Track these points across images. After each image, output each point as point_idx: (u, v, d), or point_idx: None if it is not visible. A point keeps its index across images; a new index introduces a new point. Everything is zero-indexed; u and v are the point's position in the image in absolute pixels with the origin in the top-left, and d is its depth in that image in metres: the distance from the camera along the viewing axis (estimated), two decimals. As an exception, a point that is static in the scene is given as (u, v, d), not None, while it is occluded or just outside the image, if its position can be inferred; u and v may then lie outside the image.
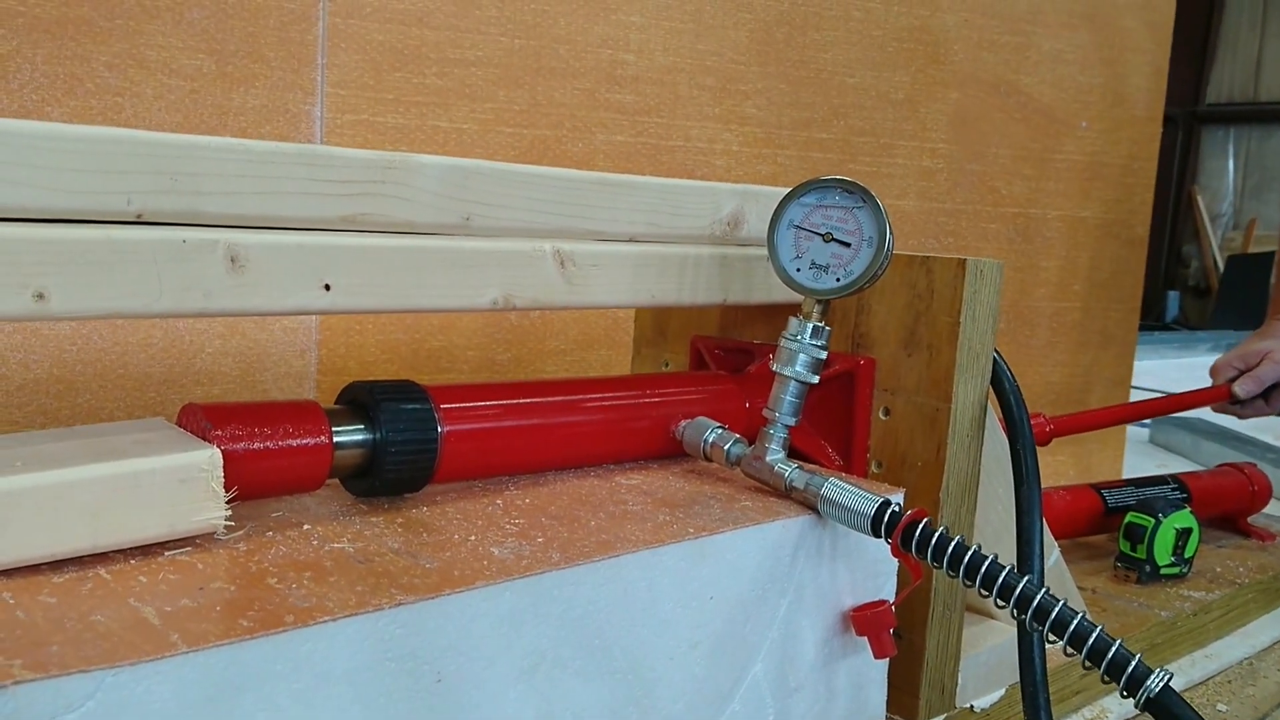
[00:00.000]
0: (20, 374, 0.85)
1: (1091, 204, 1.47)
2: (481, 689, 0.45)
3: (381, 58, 0.96)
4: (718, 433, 0.64)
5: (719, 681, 0.55)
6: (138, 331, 0.88)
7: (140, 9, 0.85)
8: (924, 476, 0.68)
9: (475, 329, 1.04)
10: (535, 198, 0.58)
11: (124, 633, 0.38)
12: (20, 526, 0.41)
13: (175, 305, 0.47)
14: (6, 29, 0.80)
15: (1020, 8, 1.34)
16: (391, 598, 0.43)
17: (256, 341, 0.95)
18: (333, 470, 0.52)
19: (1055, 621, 0.48)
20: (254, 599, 0.42)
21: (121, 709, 0.35)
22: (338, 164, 0.50)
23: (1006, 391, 0.68)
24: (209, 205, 0.47)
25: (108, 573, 0.43)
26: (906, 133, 1.29)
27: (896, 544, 0.54)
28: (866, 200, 0.60)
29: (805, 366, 0.62)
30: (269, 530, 0.50)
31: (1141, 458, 1.79)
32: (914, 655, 0.68)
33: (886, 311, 0.70)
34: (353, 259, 0.52)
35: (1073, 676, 0.81)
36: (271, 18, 0.91)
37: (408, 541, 0.50)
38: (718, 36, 1.14)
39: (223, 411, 0.49)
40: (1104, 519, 1.05)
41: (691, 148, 1.14)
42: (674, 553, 0.52)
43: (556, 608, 0.47)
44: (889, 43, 1.25)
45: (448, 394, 0.57)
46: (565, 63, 1.05)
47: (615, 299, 0.63)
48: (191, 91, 0.88)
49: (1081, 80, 1.41)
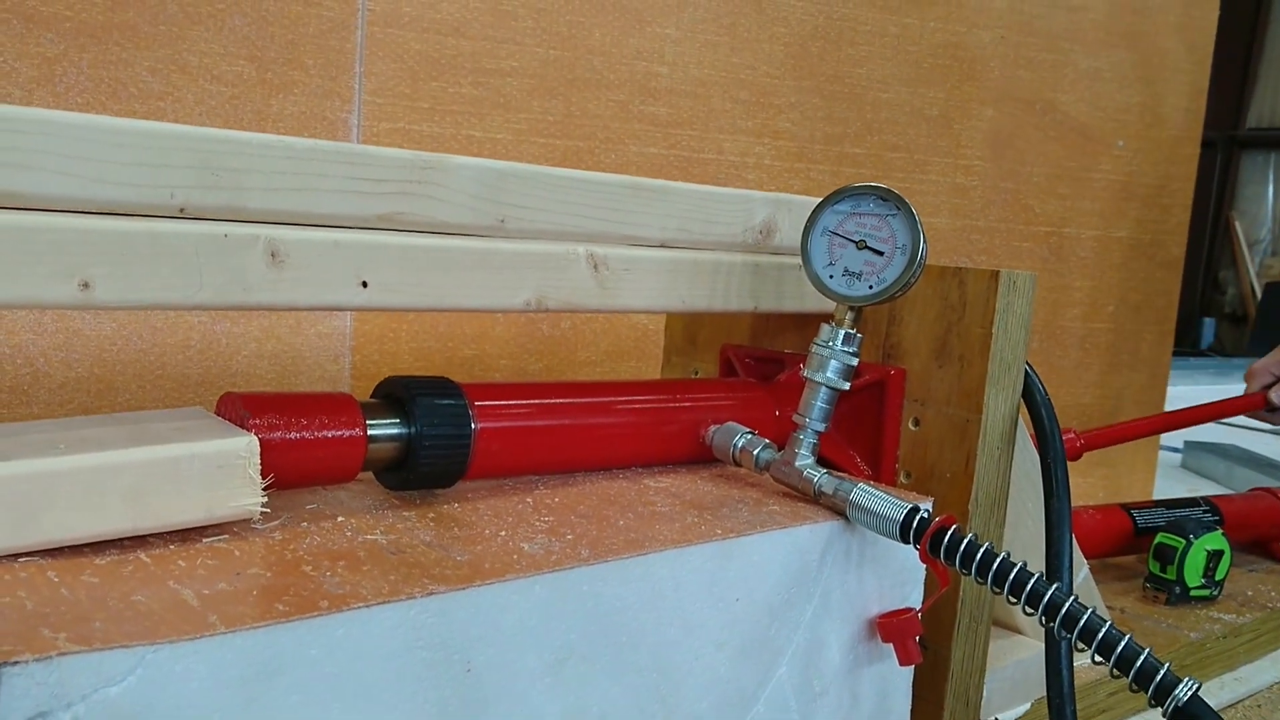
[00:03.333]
0: (62, 372, 0.87)
1: (1127, 224, 1.46)
2: (510, 681, 0.46)
3: (418, 67, 0.97)
4: (747, 437, 0.65)
5: (744, 683, 0.55)
6: (176, 333, 0.90)
7: (183, 15, 0.87)
8: (953, 488, 0.68)
9: (508, 338, 1.05)
10: (569, 201, 0.59)
11: (164, 612, 0.39)
12: (63, 507, 0.42)
13: (215, 298, 0.48)
14: (54, 33, 0.82)
15: (1058, 25, 1.34)
16: (424, 587, 0.43)
17: (291, 345, 0.96)
18: (367, 463, 0.53)
19: (1084, 629, 0.48)
20: (289, 585, 0.42)
21: (161, 685, 0.36)
22: (375, 163, 0.51)
23: (1038, 404, 0.68)
24: (250, 201, 0.48)
25: (148, 556, 0.44)
26: (940, 149, 1.29)
27: (925, 549, 0.54)
28: (900, 208, 0.60)
29: (836, 373, 0.62)
30: (304, 521, 0.51)
31: (1173, 483, 1.77)
32: (940, 666, 0.68)
33: (918, 322, 0.70)
34: (389, 257, 0.53)
35: (1099, 694, 0.80)
36: (311, 26, 0.92)
37: (439, 535, 0.51)
38: (752, 50, 1.15)
39: (261, 401, 0.50)
40: (1134, 540, 1.05)
41: (724, 161, 1.15)
42: (701, 553, 0.52)
43: (585, 603, 0.48)
44: (924, 58, 1.25)
45: (482, 391, 0.57)
46: (599, 74, 1.07)
47: (647, 303, 0.64)
48: (232, 97, 0.90)
49: (1119, 99, 1.41)
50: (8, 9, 0.80)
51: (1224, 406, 1.21)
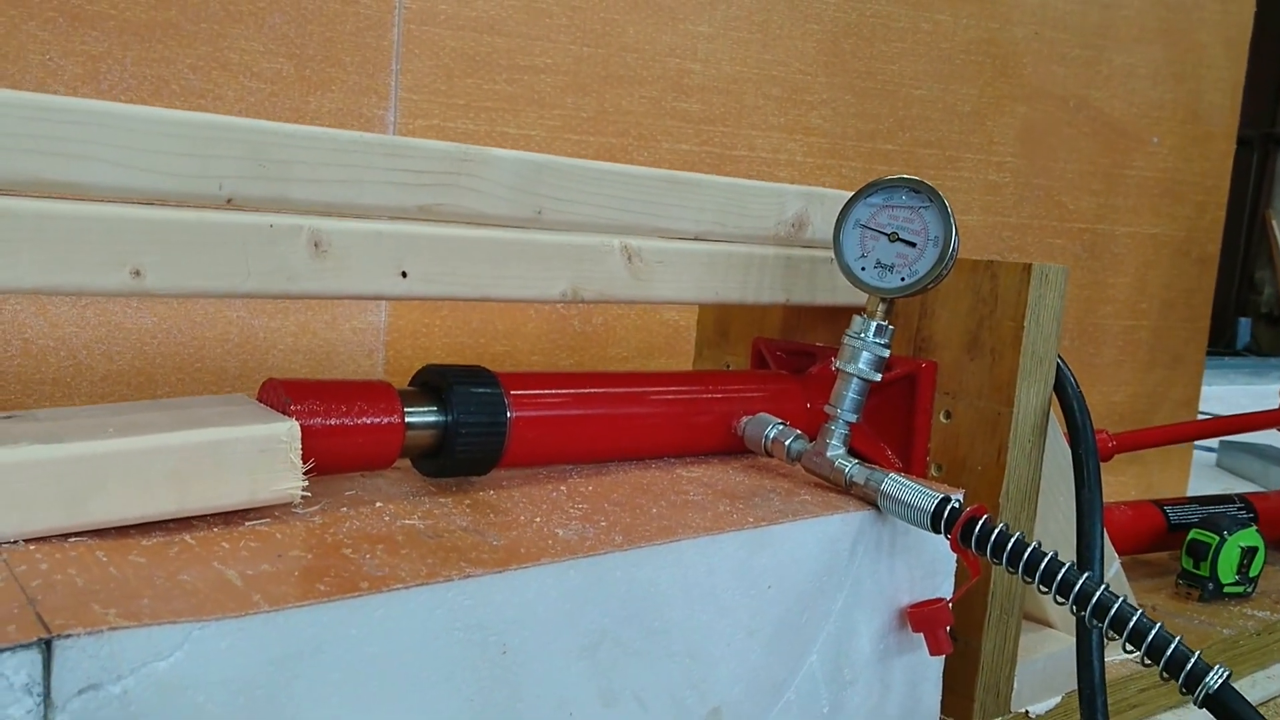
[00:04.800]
0: (104, 365, 0.88)
1: (1161, 221, 1.45)
2: (545, 663, 0.46)
3: (453, 64, 0.98)
4: (779, 428, 0.65)
5: (775, 670, 0.55)
6: (215, 327, 0.91)
7: (224, 13, 0.88)
8: (984, 481, 0.68)
9: (540, 334, 1.06)
10: (604, 193, 0.60)
11: (209, 591, 0.40)
12: (111, 488, 0.43)
13: (261, 286, 0.49)
14: (99, 31, 0.84)
15: (1092, 21, 1.33)
16: (461, 570, 0.44)
17: (327, 340, 0.97)
18: (404, 449, 0.54)
19: (1115, 618, 0.48)
20: (329, 566, 0.43)
21: (206, 660, 0.37)
22: (416, 155, 0.52)
23: (1070, 397, 0.68)
24: (295, 192, 0.49)
25: (192, 538, 0.45)
26: (973, 145, 1.29)
27: (956, 539, 0.55)
28: (933, 200, 0.61)
29: (868, 364, 0.62)
30: (343, 506, 0.52)
31: (1208, 481, 1.76)
32: (970, 657, 0.68)
33: (949, 315, 0.70)
34: (429, 247, 0.54)
35: (1130, 690, 0.80)
36: (348, 23, 0.93)
37: (475, 521, 0.51)
38: (785, 47, 1.15)
39: (302, 388, 0.51)
40: (1167, 536, 1.04)
41: (756, 157, 1.16)
42: (734, 540, 0.53)
43: (618, 588, 0.49)
44: (957, 55, 1.25)
45: (517, 381, 0.58)
46: (633, 71, 1.07)
47: (680, 294, 0.65)
48: (271, 94, 0.91)
49: (1153, 95, 1.40)
50: (54, 8, 0.82)
51: (1260, 419, 1.20)
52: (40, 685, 0.34)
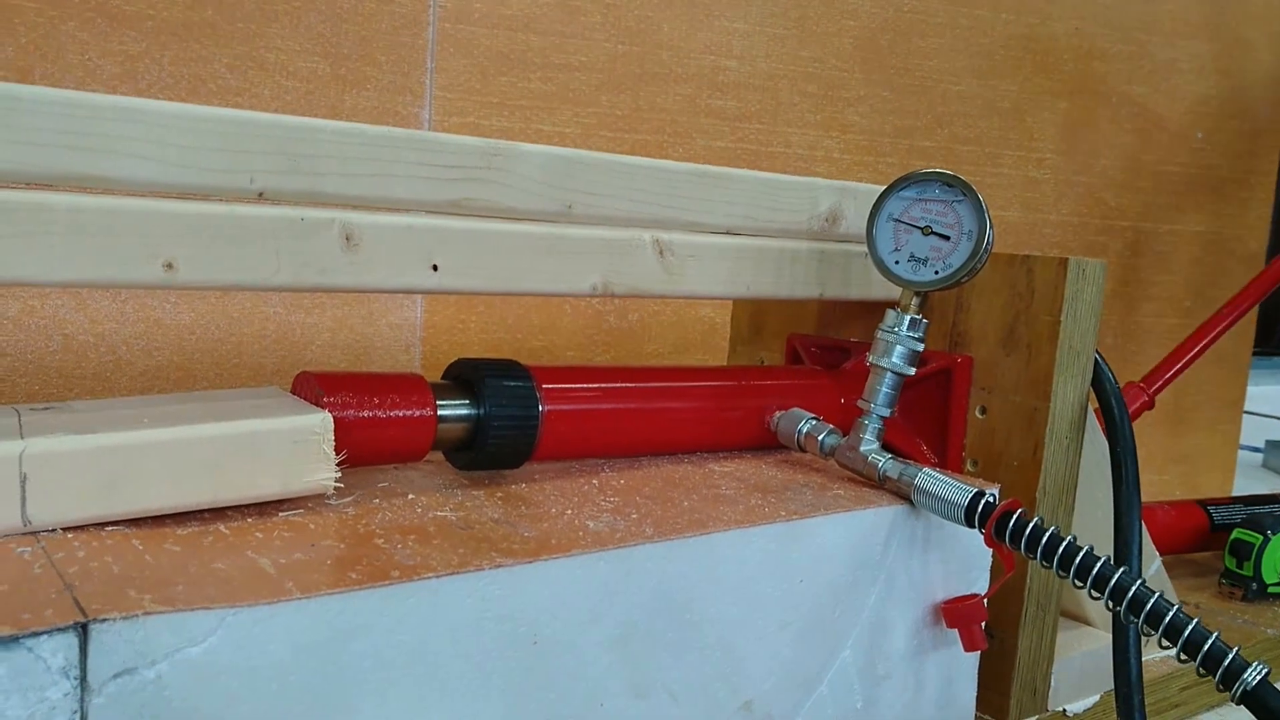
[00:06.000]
0: (143, 360, 0.89)
1: (1205, 218, 1.43)
2: (575, 654, 0.46)
3: (488, 62, 0.99)
4: (812, 423, 0.65)
5: (807, 664, 0.55)
6: (252, 323, 0.92)
7: (260, 13, 0.89)
8: (1020, 476, 0.67)
9: (575, 330, 1.07)
10: (635, 187, 0.60)
11: (243, 579, 0.40)
12: (146, 477, 0.44)
13: (292, 280, 0.49)
14: (137, 31, 0.85)
15: (1134, 15, 1.32)
16: (492, 560, 0.44)
17: (363, 336, 0.98)
18: (436, 442, 0.54)
19: (1151, 613, 0.47)
20: (362, 556, 0.44)
21: (240, 647, 0.37)
22: (446, 149, 0.53)
23: (1108, 393, 0.68)
24: (326, 186, 0.49)
25: (226, 528, 0.46)
26: (1012, 142, 1.28)
27: (990, 534, 0.54)
28: (966, 194, 0.60)
29: (901, 358, 0.62)
30: (375, 498, 0.52)
31: (1254, 482, 1.73)
32: (1006, 655, 0.67)
33: (985, 310, 0.69)
34: (460, 241, 0.54)
35: (1171, 689, 0.79)
36: (383, 22, 0.94)
37: (507, 513, 0.52)
38: (821, 43, 1.15)
39: (335, 380, 0.51)
40: (1209, 536, 1.02)
41: (792, 155, 1.15)
42: (766, 533, 0.53)
43: (649, 580, 0.49)
44: (996, 50, 1.24)
45: (549, 374, 0.58)
46: (667, 68, 1.07)
47: (712, 289, 0.64)
48: (307, 93, 0.92)
49: (1197, 90, 1.38)
50: (92, 8, 0.83)
51: None
52: (77, 668, 0.34)
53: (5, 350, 0.83)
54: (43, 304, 0.84)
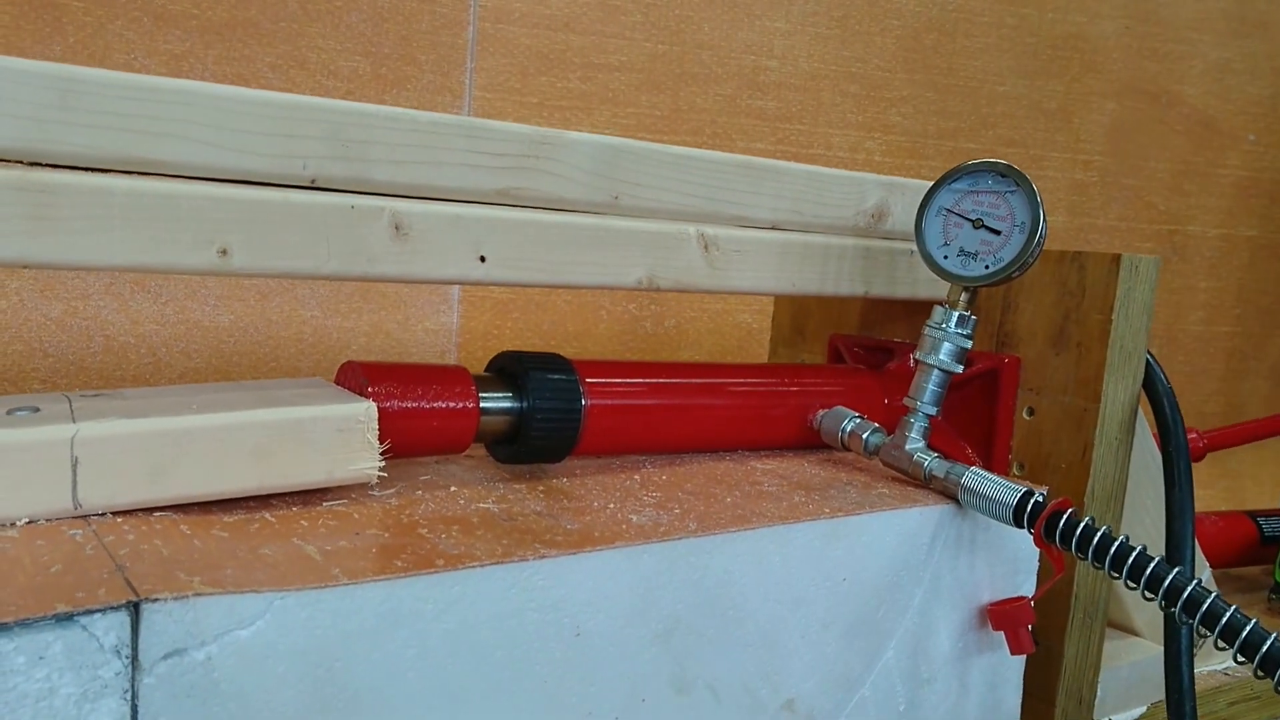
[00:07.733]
0: (182, 362, 0.90)
1: (1255, 222, 1.40)
2: (618, 647, 0.46)
3: (528, 62, 0.99)
4: (856, 421, 0.64)
5: (850, 664, 0.54)
6: (290, 326, 0.93)
7: (303, 13, 0.90)
8: (1068, 479, 0.66)
9: (611, 335, 1.06)
10: (681, 179, 0.59)
11: (290, 564, 0.40)
12: (194, 461, 0.44)
13: (342, 268, 0.49)
14: (182, 30, 0.86)
15: (1185, 14, 1.30)
16: (536, 551, 0.44)
17: (399, 340, 0.99)
18: (479, 434, 0.54)
19: (1207, 613, 0.46)
20: (406, 545, 0.44)
21: (287, 630, 0.37)
22: (494, 136, 0.52)
23: (1160, 394, 0.66)
24: (377, 173, 0.49)
25: (272, 516, 0.46)
26: (1059, 144, 1.26)
27: (1039, 534, 0.53)
28: (1020, 184, 0.59)
29: (949, 355, 0.61)
30: (418, 490, 0.52)
31: (1302, 494, 1.69)
32: (1052, 662, 0.66)
33: (1034, 309, 0.68)
34: (507, 232, 0.54)
35: (1219, 703, 0.77)
36: (424, 22, 0.94)
37: (549, 506, 0.51)
38: (864, 43, 1.14)
39: (379, 370, 0.51)
40: (1260, 548, 1.00)
41: (833, 156, 1.14)
42: (809, 530, 0.52)
43: (692, 574, 0.48)
44: (1042, 50, 1.22)
45: (593, 369, 0.58)
46: (707, 68, 1.07)
47: (757, 285, 0.64)
48: (348, 92, 0.92)
49: (1250, 91, 1.36)
50: (138, 8, 0.84)
51: None
52: (129, 648, 0.34)
53: (49, 351, 0.84)
54: (85, 305, 0.85)
